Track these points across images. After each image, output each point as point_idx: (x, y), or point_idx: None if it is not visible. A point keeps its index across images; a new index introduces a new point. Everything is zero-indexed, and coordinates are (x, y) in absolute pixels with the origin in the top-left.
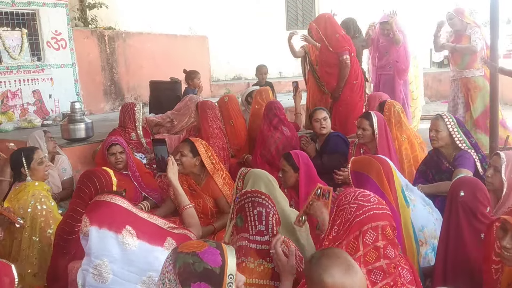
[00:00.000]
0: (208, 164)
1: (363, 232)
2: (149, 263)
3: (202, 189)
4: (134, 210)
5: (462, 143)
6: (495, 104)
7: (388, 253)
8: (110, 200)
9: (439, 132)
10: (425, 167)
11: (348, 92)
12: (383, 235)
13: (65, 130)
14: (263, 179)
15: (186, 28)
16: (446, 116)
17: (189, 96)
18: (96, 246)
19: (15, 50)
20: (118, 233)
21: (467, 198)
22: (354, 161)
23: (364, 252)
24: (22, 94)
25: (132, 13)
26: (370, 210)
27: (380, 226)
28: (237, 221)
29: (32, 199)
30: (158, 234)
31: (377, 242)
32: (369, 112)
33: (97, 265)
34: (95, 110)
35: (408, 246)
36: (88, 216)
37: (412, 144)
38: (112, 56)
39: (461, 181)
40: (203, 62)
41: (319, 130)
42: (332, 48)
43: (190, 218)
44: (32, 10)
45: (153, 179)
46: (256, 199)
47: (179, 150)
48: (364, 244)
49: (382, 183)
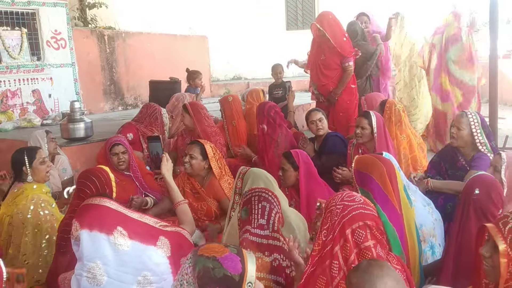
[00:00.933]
0: (215, 168)
1: (352, 232)
2: (143, 263)
3: (206, 191)
4: (124, 211)
5: (483, 146)
6: (494, 104)
7: (379, 253)
8: (98, 202)
9: (460, 130)
10: (439, 159)
11: (347, 96)
12: (372, 235)
13: (65, 129)
14: (262, 178)
15: (186, 28)
16: (471, 115)
17: (175, 96)
18: (88, 249)
19: (14, 50)
20: (110, 235)
21: (481, 196)
22: (357, 160)
23: (356, 252)
24: (21, 94)
25: (132, 12)
26: (356, 209)
27: (368, 225)
28: (242, 213)
29: (32, 204)
30: (150, 233)
31: (366, 242)
32: (368, 111)
33: (91, 268)
34: (94, 110)
35: (411, 246)
36: (77, 220)
37: (411, 144)
38: (112, 55)
39: (478, 179)
40: (203, 62)
41: (316, 131)
42: (341, 51)
43: (183, 214)
44: (32, 9)
45: (154, 180)
46: (263, 194)
47: (188, 153)
48: (355, 244)
49: (385, 184)
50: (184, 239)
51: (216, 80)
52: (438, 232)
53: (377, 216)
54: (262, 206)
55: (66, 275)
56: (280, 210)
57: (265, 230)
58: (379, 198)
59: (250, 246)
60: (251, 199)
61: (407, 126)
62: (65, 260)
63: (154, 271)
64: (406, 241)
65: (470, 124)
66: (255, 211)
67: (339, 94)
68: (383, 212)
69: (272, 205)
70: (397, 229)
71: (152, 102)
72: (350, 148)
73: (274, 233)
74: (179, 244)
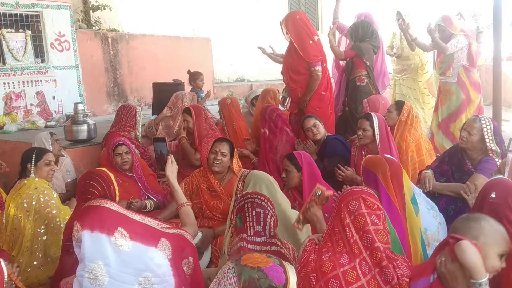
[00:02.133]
0: (236, 166)
1: (346, 204)
2: (144, 264)
3: (224, 188)
4: (125, 212)
5: (494, 153)
6: (498, 106)
7: (374, 220)
8: (99, 204)
9: (471, 135)
10: (446, 159)
11: (316, 103)
12: (366, 205)
13: (68, 131)
14: (264, 180)
15: (189, 30)
16: (485, 121)
17: (174, 94)
18: (89, 250)
19: (19, 52)
20: (111, 235)
21: (498, 200)
22: (367, 159)
23: (352, 219)
24: (25, 96)
25: (135, 15)
26: (352, 188)
27: (362, 197)
28: (237, 221)
29: (35, 192)
30: (151, 234)
31: (360, 209)
32: (369, 113)
33: (92, 269)
34: (98, 112)
35: (414, 251)
36: (79, 222)
37: (419, 148)
38: (116, 58)
39: (496, 182)
40: (206, 64)
41: (313, 137)
42: (304, 56)
43: (186, 216)
44: (36, 11)
45: (156, 181)
46: (255, 200)
47: (220, 150)
48: (349, 213)
49: (387, 183)
50: (186, 241)
51: (219, 82)
52: (442, 236)
53: (373, 194)
54: (256, 213)
55: (68, 280)
56: (274, 213)
57: (263, 237)
58: (382, 196)
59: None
60: (244, 206)
61: (417, 131)
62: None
63: (156, 272)
64: (408, 244)
65: (482, 129)
66: (250, 218)
67: (306, 100)
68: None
69: (266, 210)
70: (398, 230)
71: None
72: (353, 150)
73: (272, 239)
74: (180, 247)
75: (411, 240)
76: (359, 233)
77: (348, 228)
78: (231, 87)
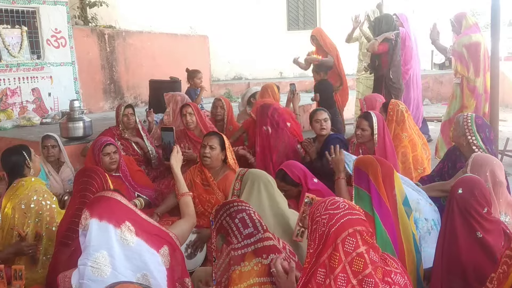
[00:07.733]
0: (230, 159)
1: (342, 241)
2: (144, 262)
3: (218, 184)
4: (134, 209)
5: (479, 148)
6: (495, 106)
7: (372, 258)
8: (110, 195)
9: (453, 133)
10: (445, 158)
11: None
12: (363, 240)
13: (64, 128)
14: (262, 179)
15: (187, 27)
16: (465, 119)
17: (167, 99)
18: (96, 238)
19: (14, 48)
20: (117, 228)
21: (464, 195)
22: (358, 159)
23: (348, 261)
24: (21, 92)
25: (132, 11)
26: (343, 216)
27: (358, 231)
28: (218, 243)
29: (35, 194)
30: (157, 237)
31: (358, 249)
32: (368, 112)
33: (96, 258)
34: (94, 109)
35: (408, 251)
36: (88, 210)
37: (413, 143)
38: (112, 54)
39: (463, 180)
40: (203, 62)
41: (319, 131)
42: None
43: (186, 206)
44: (32, 8)
45: (144, 176)
46: (231, 210)
47: (208, 144)
48: (346, 253)
49: (377, 183)
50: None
51: (216, 80)
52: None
53: (365, 220)
54: (240, 219)
55: (66, 273)
56: (253, 208)
57: (256, 235)
58: (373, 196)
59: (243, 258)
60: (223, 223)
61: (410, 126)
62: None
63: (154, 275)
64: (400, 244)
65: (464, 128)
66: (234, 228)
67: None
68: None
69: (247, 211)
70: (389, 231)
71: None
72: (351, 147)
73: (266, 233)
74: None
75: (404, 240)
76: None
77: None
78: (228, 85)
